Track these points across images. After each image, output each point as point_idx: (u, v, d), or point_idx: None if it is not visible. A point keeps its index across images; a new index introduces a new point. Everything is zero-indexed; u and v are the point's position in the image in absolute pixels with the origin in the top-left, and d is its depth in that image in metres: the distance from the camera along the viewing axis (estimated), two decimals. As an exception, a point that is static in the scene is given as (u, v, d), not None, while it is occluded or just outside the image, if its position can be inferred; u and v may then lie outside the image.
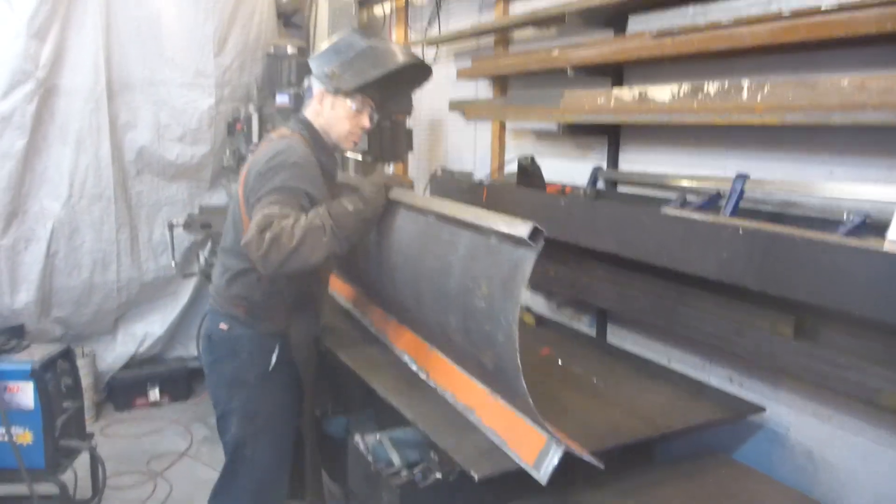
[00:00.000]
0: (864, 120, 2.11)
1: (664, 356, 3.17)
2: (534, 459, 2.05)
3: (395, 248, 2.66)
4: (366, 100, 2.81)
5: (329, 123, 2.82)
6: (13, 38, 4.63)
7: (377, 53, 2.77)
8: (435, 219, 2.43)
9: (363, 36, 2.81)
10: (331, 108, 2.80)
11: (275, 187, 2.53)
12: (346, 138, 2.85)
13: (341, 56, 2.75)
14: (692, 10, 2.79)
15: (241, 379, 2.82)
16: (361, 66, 2.72)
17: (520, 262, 1.93)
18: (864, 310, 1.96)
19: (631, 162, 3.45)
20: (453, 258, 2.24)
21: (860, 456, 2.42)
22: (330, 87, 2.77)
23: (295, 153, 2.64)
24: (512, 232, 1.94)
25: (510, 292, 1.94)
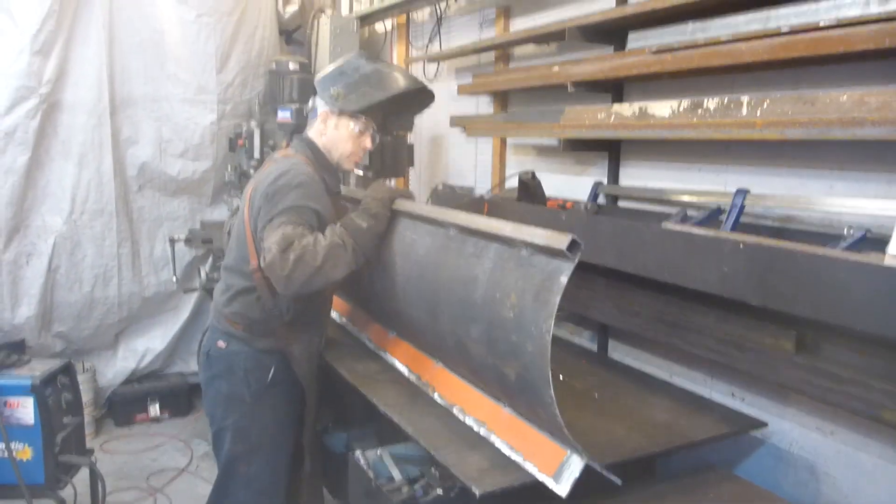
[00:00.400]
0: (863, 135, 2.12)
1: (665, 371, 3.17)
2: (553, 471, 2.05)
3: (408, 260, 2.65)
4: (369, 121, 2.85)
5: (332, 143, 2.86)
6: (17, 54, 4.65)
7: (382, 77, 2.83)
8: (457, 231, 2.43)
9: (369, 59, 2.86)
10: (334, 128, 2.84)
11: (285, 208, 2.57)
12: (349, 158, 2.89)
13: (347, 78, 2.80)
14: (691, 27, 2.81)
15: (236, 396, 2.82)
16: (366, 88, 2.77)
17: (554, 274, 1.93)
18: (865, 325, 1.96)
19: (631, 177, 3.45)
20: (478, 270, 2.24)
21: (863, 472, 2.41)
22: (334, 107, 2.81)
23: (300, 173, 2.67)
24: (550, 244, 1.94)
25: (544, 302, 1.94)
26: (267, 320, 2.78)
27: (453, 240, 2.43)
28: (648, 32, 3.06)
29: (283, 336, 2.81)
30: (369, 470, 2.60)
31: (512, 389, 2.15)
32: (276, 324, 2.79)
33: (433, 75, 5.29)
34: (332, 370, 3.04)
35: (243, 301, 2.80)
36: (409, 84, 2.90)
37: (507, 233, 2.15)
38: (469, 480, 2.06)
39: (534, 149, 4.22)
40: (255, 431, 2.84)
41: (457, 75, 5.03)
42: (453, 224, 2.46)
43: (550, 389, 1.92)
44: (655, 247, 2.62)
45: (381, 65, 2.90)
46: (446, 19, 5.07)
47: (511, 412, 2.31)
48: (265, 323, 2.79)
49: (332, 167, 2.90)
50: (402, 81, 2.87)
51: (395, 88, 2.83)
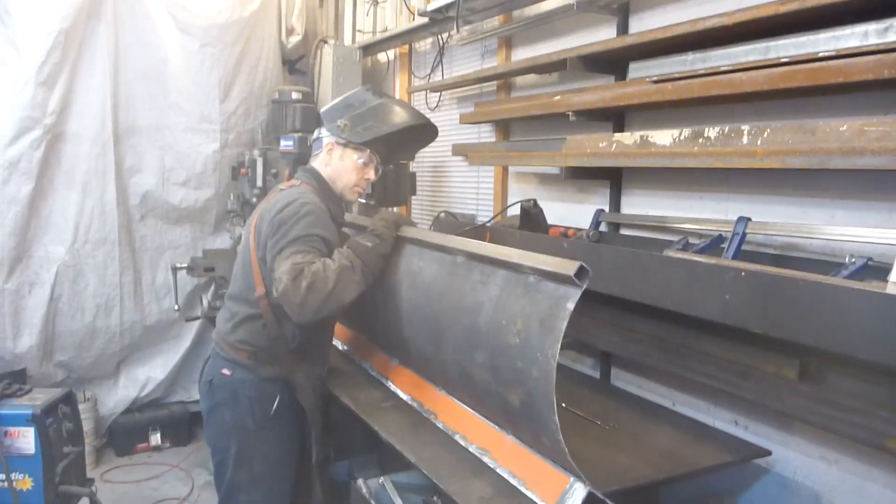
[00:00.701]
0: (863, 164, 2.13)
1: (668, 399, 3.16)
2: (555, 499, 2.04)
3: (414, 287, 2.67)
4: (373, 153, 2.92)
5: (336, 174, 2.92)
6: (22, 85, 4.69)
7: (388, 111, 2.91)
8: (465, 258, 2.45)
9: (376, 93, 2.95)
10: (339, 159, 2.91)
11: (294, 238, 2.60)
12: (352, 189, 2.95)
13: (353, 110, 2.88)
14: (691, 57, 2.84)
15: (240, 425, 2.82)
16: (372, 122, 2.85)
17: (562, 300, 1.95)
18: (868, 353, 1.96)
19: (633, 205, 3.47)
20: (484, 296, 2.25)
21: (868, 501, 2.40)
22: (341, 138, 2.88)
23: (307, 202, 2.71)
24: (558, 270, 1.97)
25: (549, 329, 1.95)
26: (272, 348, 2.79)
27: (460, 266, 2.45)
28: (649, 62, 3.09)
29: (288, 364, 2.81)
30: (371, 499, 2.58)
31: (516, 416, 2.15)
32: (282, 351, 2.79)
33: (435, 104, 5.33)
34: (335, 398, 3.03)
35: (249, 328, 2.80)
36: (414, 119, 2.97)
37: (515, 259, 2.17)
38: (472, 510, 2.05)
39: (535, 177, 4.24)
40: (258, 460, 2.83)
41: (458, 104, 5.07)
42: (461, 251, 2.47)
43: (555, 416, 1.92)
44: (657, 274, 2.62)
45: (387, 99, 2.97)
46: (448, 49, 5.12)
47: (514, 440, 2.30)
48: (270, 350, 2.79)
49: (337, 197, 2.95)
50: (407, 116, 2.96)
51: (400, 123, 2.92)
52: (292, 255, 2.54)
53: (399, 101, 3.00)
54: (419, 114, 3.06)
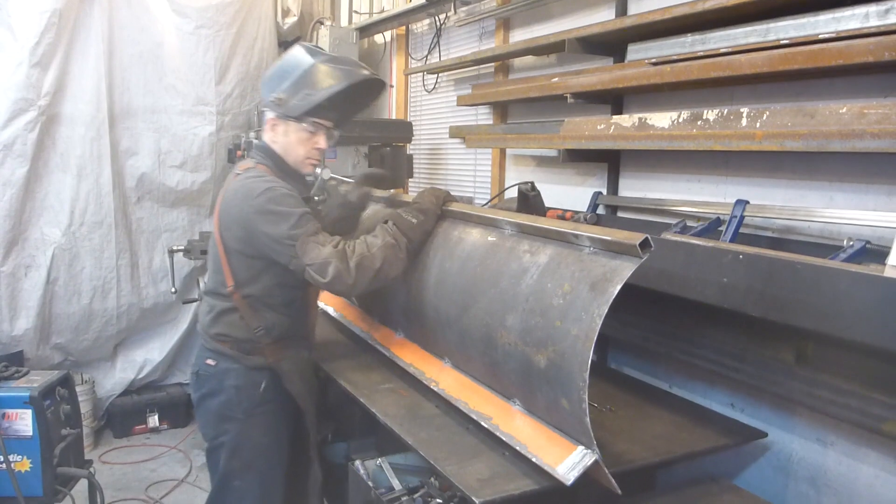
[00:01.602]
0: (863, 147, 2.13)
1: (665, 382, 3.17)
2: (559, 463, 2.04)
3: (451, 256, 2.65)
4: (319, 122, 2.76)
5: (285, 150, 2.79)
6: (16, 66, 4.67)
7: (321, 74, 2.69)
8: (515, 230, 2.45)
9: (309, 52, 2.73)
10: (283, 134, 2.77)
11: (295, 222, 2.55)
12: (304, 163, 2.82)
13: (288, 77, 2.69)
14: (691, 39, 2.82)
15: (227, 414, 2.80)
16: (307, 90, 2.67)
17: (618, 269, 1.97)
18: (865, 336, 1.96)
19: (631, 188, 3.46)
20: (531, 264, 2.25)
21: (864, 483, 2.41)
22: (279, 113, 2.73)
23: (270, 186, 2.63)
24: (620, 240, 1.98)
25: (601, 292, 1.96)
26: (252, 339, 2.77)
27: (508, 238, 2.44)
28: (648, 44, 3.07)
29: (272, 353, 2.79)
30: (369, 480, 2.59)
31: (536, 379, 2.13)
32: (264, 341, 2.77)
33: (432, 86, 5.30)
34: (332, 381, 3.03)
35: (227, 322, 2.78)
36: (351, 78, 2.72)
37: (570, 231, 2.18)
38: (469, 490, 2.05)
39: (533, 159, 4.23)
40: (249, 448, 2.81)
41: (456, 86, 5.04)
42: (512, 223, 2.47)
43: (586, 372, 1.92)
44: (655, 257, 2.62)
45: (319, 60, 2.71)
46: (446, 31, 5.09)
47: (520, 409, 2.30)
48: (251, 341, 2.77)
49: (295, 172, 2.84)
50: (343, 76, 2.71)
51: (337, 86, 2.68)
52: (314, 237, 2.52)
53: (333, 59, 2.74)
54: (357, 70, 2.78)
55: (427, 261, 2.73)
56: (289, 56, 2.77)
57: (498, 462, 2.23)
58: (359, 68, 2.80)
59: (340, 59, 2.78)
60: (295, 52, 2.76)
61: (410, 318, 2.91)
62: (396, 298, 2.95)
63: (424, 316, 2.75)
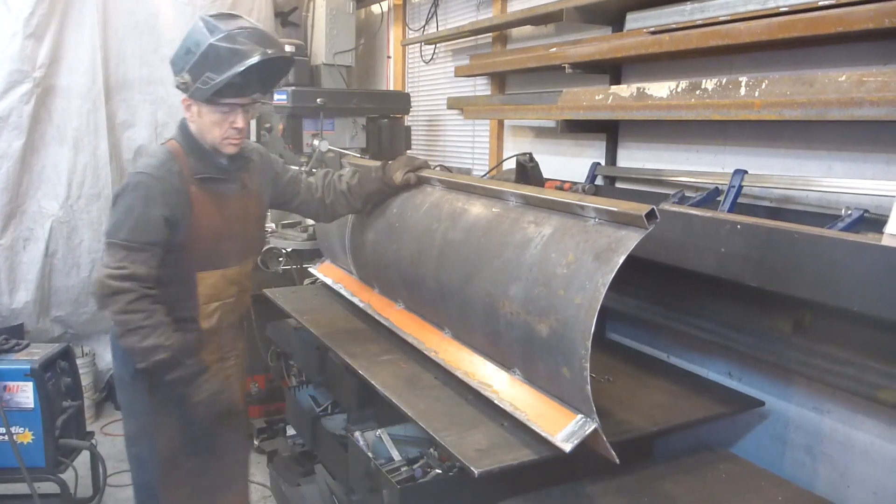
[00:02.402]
0: (861, 115, 2.11)
1: (663, 352, 3.18)
2: (558, 431, 2.06)
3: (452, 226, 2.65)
4: (230, 102, 2.57)
5: (200, 131, 2.64)
6: (10, 37, 4.64)
7: (222, 55, 2.45)
8: (520, 202, 2.45)
9: (210, 28, 2.48)
10: (198, 115, 2.61)
11: (112, 228, 2.54)
12: (224, 142, 2.64)
13: (191, 57, 2.49)
14: (689, 7, 2.80)
15: (120, 377, 2.79)
16: (209, 71, 2.47)
17: (623, 239, 1.97)
18: (862, 305, 1.96)
19: (629, 158, 3.45)
20: (535, 234, 2.25)
21: (860, 451, 2.43)
22: (186, 95, 2.58)
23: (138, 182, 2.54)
24: (627, 211, 1.99)
25: (605, 261, 1.96)
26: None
27: (513, 210, 2.44)
28: (646, 13, 3.05)
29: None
30: (369, 451, 2.61)
31: (538, 347, 2.13)
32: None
33: (430, 57, 5.27)
34: (331, 352, 3.05)
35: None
36: (253, 57, 2.46)
37: (576, 202, 2.18)
38: (467, 460, 2.07)
39: (531, 130, 4.22)
40: (138, 412, 2.75)
41: (454, 57, 5.01)
42: (517, 194, 2.47)
43: (588, 341, 1.93)
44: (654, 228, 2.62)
45: (218, 38, 2.45)
46: (443, 0, 5.05)
47: (520, 378, 2.32)
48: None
49: (206, 152, 2.66)
50: (243, 57, 2.45)
51: (239, 66, 2.44)
52: (112, 259, 2.49)
53: (231, 37, 2.46)
54: (259, 48, 2.50)
55: (430, 231, 2.73)
56: (190, 32, 2.54)
57: (497, 433, 2.24)
58: (260, 46, 2.50)
59: (241, 35, 2.49)
60: (195, 28, 2.53)
61: (411, 288, 2.91)
62: (397, 269, 2.95)
63: (425, 286, 2.75)
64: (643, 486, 2.28)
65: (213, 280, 2.72)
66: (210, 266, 2.69)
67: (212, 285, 2.72)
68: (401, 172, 3.00)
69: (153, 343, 2.45)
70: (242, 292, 2.88)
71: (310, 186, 3.04)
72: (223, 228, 2.69)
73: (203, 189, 2.64)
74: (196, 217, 2.60)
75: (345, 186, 3.02)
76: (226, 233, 2.70)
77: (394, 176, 3.00)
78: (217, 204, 2.67)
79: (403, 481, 2.41)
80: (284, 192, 3.01)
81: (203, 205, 2.63)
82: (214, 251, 2.69)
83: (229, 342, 2.87)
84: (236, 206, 2.74)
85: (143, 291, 2.47)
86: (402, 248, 2.89)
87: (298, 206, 3.08)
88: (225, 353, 2.85)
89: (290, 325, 3.74)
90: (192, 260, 2.64)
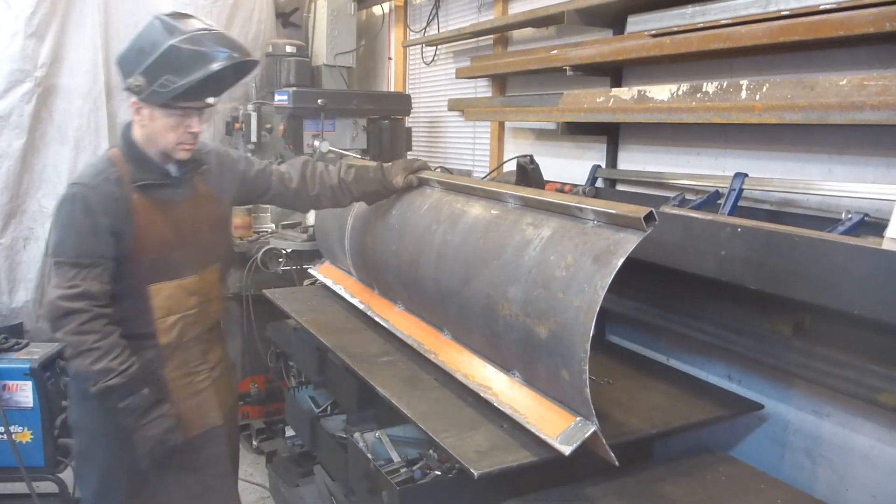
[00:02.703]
0: (862, 119, 2.12)
1: (663, 354, 3.18)
2: (557, 434, 2.06)
3: (451, 227, 2.65)
4: (186, 106, 2.43)
5: (151, 137, 2.47)
6: (11, 37, 4.63)
7: (182, 58, 2.32)
8: (518, 203, 2.45)
9: (167, 29, 2.35)
10: (149, 119, 2.44)
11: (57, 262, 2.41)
12: (176, 149, 2.48)
13: (146, 57, 2.34)
14: (691, 10, 2.80)
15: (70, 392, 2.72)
16: (167, 75, 2.33)
17: (621, 241, 1.98)
18: (862, 308, 1.96)
19: (630, 161, 3.45)
20: (534, 236, 2.25)
21: (859, 454, 2.43)
22: (138, 98, 2.41)
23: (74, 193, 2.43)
24: (625, 213, 1.99)
25: (604, 264, 1.96)
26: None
27: (511, 212, 2.44)
28: (648, 16, 3.05)
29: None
30: (368, 452, 2.61)
31: (536, 350, 2.14)
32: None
33: (431, 59, 5.27)
34: (331, 353, 3.05)
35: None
36: (214, 63, 2.34)
37: (574, 205, 2.18)
38: (467, 462, 2.07)
39: (532, 132, 4.22)
40: (87, 433, 2.62)
41: (455, 59, 5.01)
42: (516, 196, 2.47)
43: (587, 343, 1.93)
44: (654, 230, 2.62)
45: (178, 39, 2.32)
46: (444, 2, 5.05)
47: (519, 380, 2.32)
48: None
49: (147, 158, 2.51)
50: (205, 62, 2.33)
51: (200, 73, 2.32)
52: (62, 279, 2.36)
53: (194, 39, 2.33)
54: (223, 52, 2.38)
55: (429, 233, 2.73)
56: (144, 32, 2.39)
57: (496, 434, 2.24)
58: (223, 48, 2.39)
59: (204, 37, 2.37)
60: (151, 27, 2.39)
61: (410, 289, 2.91)
62: (397, 270, 2.95)
63: (424, 288, 2.75)
64: (642, 488, 2.28)
65: (169, 291, 2.55)
66: (163, 277, 2.52)
67: (167, 297, 2.55)
68: (401, 176, 2.97)
69: (105, 366, 2.32)
70: (207, 302, 2.70)
71: (282, 177, 2.88)
72: (172, 237, 2.53)
73: (146, 196, 2.48)
74: (139, 226, 2.45)
75: (336, 181, 2.92)
76: (175, 241, 2.54)
77: (394, 180, 2.96)
78: (163, 211, 2.52)
79: (403, 482, 2.41)
80: (255, 187, 2.85)
81: (146, 213, 2.47)
82: (165, 261, 2.52)
83: (197, 356, 2.67)
84: (186, 212, 2.58)
85: (97, 311, 2.34)
86: (401, 250, 2.89)
87: (272, 197, 2.93)
88: (192, 368, 2.66)
89: (289, 325, 3.74)
90: (142, 271, 2.48)
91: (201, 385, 2.69)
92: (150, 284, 2.50)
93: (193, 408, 2.64)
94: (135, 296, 2.50)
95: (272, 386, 4.89)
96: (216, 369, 2.76)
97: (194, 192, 2.62)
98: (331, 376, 3.27)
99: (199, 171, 2.65)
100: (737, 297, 2.49)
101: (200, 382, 2.68)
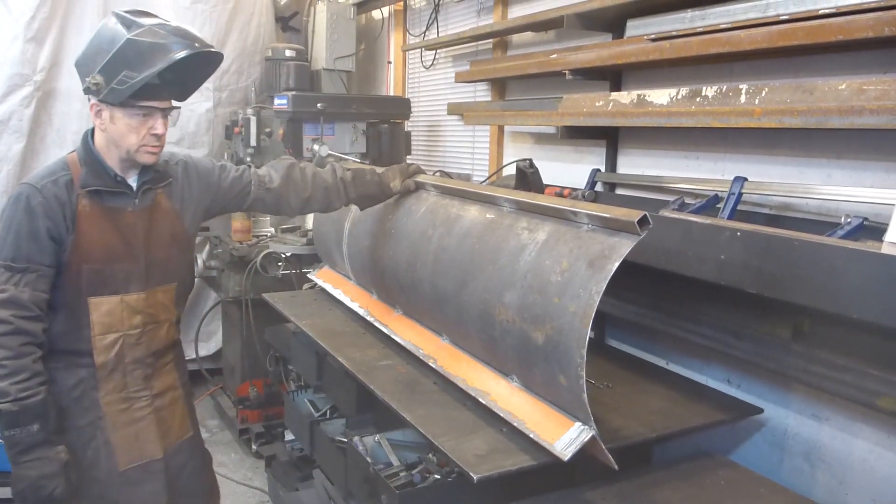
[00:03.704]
0: (861, 124, 2.12)
1: (662, 358, 3.18)
2: (556, 439, 2.06)
3: (447, 232, 2.64)
4: (148, 106, 2.32)
5: (113, 139, 2.35)
6: (10, 41, 4.65)
7: (141, 52, 2.22)
8: (513, 207, 2.45)
9: (123, 23, 2.25)
10: (110, 121, 2.32)
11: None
12: (140, 151, 2.35)
13: (104, 56, 2.23)
14: (690, 15, 2.81)
15: None
16: (126, 71, 2.21)
17: (616, 245, 1.97)
18: (861, 312, 1.97)
19: (629, 165, 3.46)
20: (529, 241, 2.25)
21: (858, 458, 2.43)
22: (98, 99, 2.30)
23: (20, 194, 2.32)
24: (619, 217, 1.98)
25: (599, 269, 1.96)
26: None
27: (507, 216, 2.44)
28: (647, 20, 3.06)
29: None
30: (368, 456, 2.61)
31: (534, 355, 2.13)
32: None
33: (430, 63, 5.28)
34: (330, 357, 3.04)
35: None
36: (175, 53, 2.24)
37: (569, 209, 2.18)
38: (466, 465, 2.06)
39: (531, 136, 4.22)
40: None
41: (454, 63, 5.02)
42: (510, 200, 2.47)
43: (583, 349, 1.93)
44: (653, 234, 2.62)
45: (136, 33, 2.22)
46: (444, 6, 5.06)
47: (518, 385, 2.31)
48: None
49: (102, 166, 2.39)
50: (166, 52, 2.23)
51: (161, 64, 2.21)
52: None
53: (152, 31, 2.24)
54: (183, 41, 2.28)
55: (425, 237, 2.73)
56: (101, 29, 2.29)
57: (496, 438, 2.24)
58: (182, 39, 2.29)
59: (161, 29, 2.27)
60: (107, 23, 2.29)
61: (408, 294, 2.91)
62: (394, 275, 2.95)
63: (422, 292, 2.75)
64: (642, 492, 2.28)
65: (109, 307, 2.39)
66: (104, 290, 2.37)
67: (107, 313, 2.39)
68: (399, 180, 2.95)
69: (2, 387, 2.15)
70: (154, 324, 2.51)
71: (262, 180, 2.71)
72: (119, 248, 2.38)
73: (94, 203, 2.35)
74: (82, 233, 2.31)
75: (331, 181, 2.79)
76: (122, 253, 2.39)
77: (391, 184, 2.93)
78: (111, 220, 2.38)
79: (402, 486, 2.41)
80: (232, 196, 2.69)
81: (92, 220, 2.34)
82: (107, 273, 2.37)
83: (137, 381, 2.48)
84: (139, 224, 2.43)
85: (19, 325, 2.19)
86: (398, 254, 2.89)
87: (252, 203, 2.73)
88: (131, 394, 2.47)
89: (288, 329, 3.74)
90: (81, 282, 2.33)
91: (140, 413, 2.49)
92: (90, 297, 2.35)
93: (130, 437, 2.45)
94: (73, 308, 2.35)
95: (271, 390, 4.88)
96: (163, 398, 2.57)
97: (153, 204, 2.48)
98: (330, 380, 3.27)
99: (163, 184, 2.51)
100: (736, 300, 2.49)
101: (139, 410, 2.49)
